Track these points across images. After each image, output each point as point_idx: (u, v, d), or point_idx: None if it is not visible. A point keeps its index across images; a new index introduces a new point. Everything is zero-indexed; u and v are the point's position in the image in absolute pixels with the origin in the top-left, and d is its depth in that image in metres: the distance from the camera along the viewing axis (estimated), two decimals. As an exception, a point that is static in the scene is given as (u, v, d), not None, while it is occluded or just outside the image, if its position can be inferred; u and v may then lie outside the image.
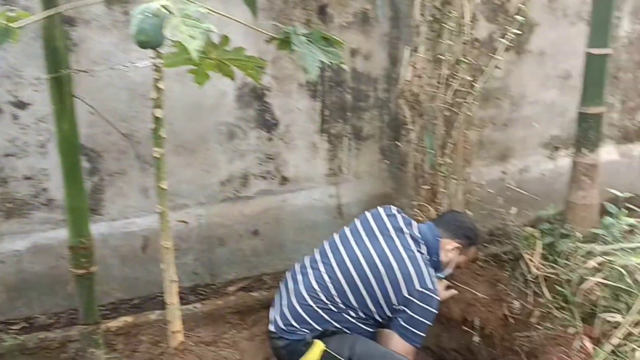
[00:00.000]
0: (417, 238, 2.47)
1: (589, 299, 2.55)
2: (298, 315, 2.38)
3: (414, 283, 2.31)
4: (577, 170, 2.99)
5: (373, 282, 2.34)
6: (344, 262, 2.40)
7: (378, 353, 2.34)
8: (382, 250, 2.38)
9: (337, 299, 2.37)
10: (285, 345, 2.38)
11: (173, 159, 2.87)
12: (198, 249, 3.04)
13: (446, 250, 2.52)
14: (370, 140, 3.25)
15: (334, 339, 2.33)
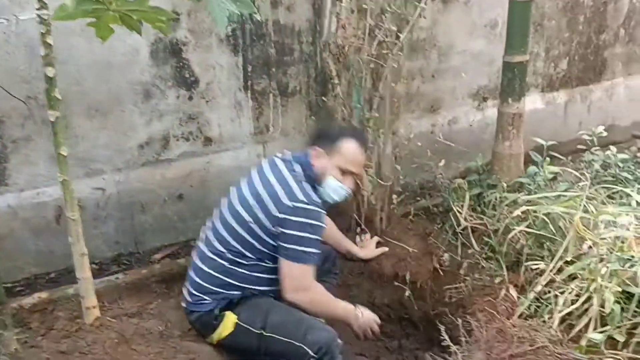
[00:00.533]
0: (289, 160, 2.35)
1: (515, 248, 2.59)
2: (197, 285, 2.28)
3: (282, 200, 2.16)
4: (502, 120, 3.00)
5: (245, 215, 2.21)
6: (223, 215, 2.31)
7: (292, 319, 2.22)
8: (252, 184, 2.28)
9: (223, 249, 2.25)
10: (197, 319, 2.29)
11: (85, 123, 2.68)
12: (119, 217, 2.88)
13: (314, 159, 2.33)
14: (297, 96, 3.14)
15: (245, 309, 2.23)
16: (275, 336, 2.16)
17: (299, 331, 2.14)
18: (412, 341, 2.94)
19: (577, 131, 3.65)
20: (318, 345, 2.11)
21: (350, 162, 2.33)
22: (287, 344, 2.14)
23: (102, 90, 2.67)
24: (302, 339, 2.12)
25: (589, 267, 2.17)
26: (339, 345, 2.19)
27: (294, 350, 2.13)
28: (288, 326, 2.17)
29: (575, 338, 2.09)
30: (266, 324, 2.18)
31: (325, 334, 2.16)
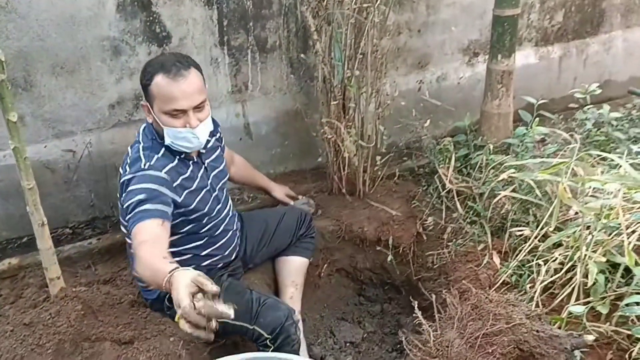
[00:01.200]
0: (138, 132, 2.11)
1: (500, 213, 2.50)
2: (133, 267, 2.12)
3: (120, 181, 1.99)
4: (491, 78, 2.87)
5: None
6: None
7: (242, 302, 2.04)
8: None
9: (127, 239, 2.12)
10: (151, 305, 2.22)
11: (50, 81, 2.53)
12: (91, 180, 2.77)
13: (147, 116, 2.05)
14: (277, 52, 2.98)
15: None
16: (227, 321, 2.06)
17: (250, 314, 2.06)
18: (395, 305, 2.90)
19: (572, 87, 3.52)
20: (271, 327, 2.04)
21: (165, 99, 1.92)
22: (240, 327, 2.06)
23: (68, 46, 2.51)
24: (254, 321, 2.05)
25: (574, 235, 2.09)
26: (295, 321, 2.11)
27: (248, 333, 2.07)
28: (239, 310, 2.04)
29: (557, 308, 2.03)
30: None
31: (278, 313, 2.07)
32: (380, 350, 2.69)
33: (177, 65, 1.92)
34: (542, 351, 1.54)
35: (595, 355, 1.88)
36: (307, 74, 3.03)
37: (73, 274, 2.53)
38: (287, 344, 2.10)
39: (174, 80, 1.89)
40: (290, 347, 2.12)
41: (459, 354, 1.46)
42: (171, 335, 2.04)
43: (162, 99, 1.92)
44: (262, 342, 2.08)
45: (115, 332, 2.00)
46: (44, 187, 2.66)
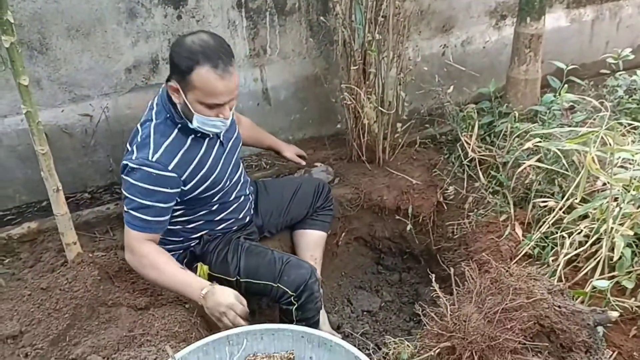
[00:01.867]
0: (151, 104, 2.04)
1: (523, 183, 2.43)
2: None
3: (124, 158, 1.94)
4: (519, 42, 2.75)
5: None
6: None
7: (264, 262, 2.12)
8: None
9: None
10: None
11: (66, 44, 2.50)
12: (109, 145, 2.76)
13: (173, 96, 1.92)
14: (296, 15, 2.89)
15: (215, 259, 2.13)
16: (251, 280, 2.09)
17: (273, 273, 2.07)
18: (413, 275, 2.87)
19: (604, 52, 3.38)
20: (295, 285, 2.05)
21: (209, 94, 1.85)
22: (264, 286, 2.08)
23: (83, 8, 2.46)
24: (278, 280, 2.06)
25: (601, 207, 2.01)
26: (318, 279, 2.13)
27: (272, 291, 2.08)
28: (261, 270, 2.08)
29: (581, 282, 1.98)
30: (240, 271, 2.10)
31: (302, 271, 2.08)
32: (398, 320, 2.68)
33: (223, 58, 1.82)
34: (564, 327, 1.49)
35: (619, 331, 1.83)
36: (327, 37, 2.94)
37: (92, 238, 2.54)
38: (310, 301, 2.10)
39: (221, 78, 1.82)
40: (314, 305, 2.13)
41: (477, 329, 1.42)
42: (186, 302, 2.04)
43: (204, 92, 1.84)
44: (286, 300, 2.09)
45: (131, 297, 2.01)
46: (62, 151, 2.66)
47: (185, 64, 1.81)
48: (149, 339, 1.80)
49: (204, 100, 1.85)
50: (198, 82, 1.82)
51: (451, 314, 1.49)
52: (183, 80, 1.84)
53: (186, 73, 1.82)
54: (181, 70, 1.82)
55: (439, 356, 1.51)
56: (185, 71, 1.81)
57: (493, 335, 1.42)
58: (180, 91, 1.87)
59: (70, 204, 2.72)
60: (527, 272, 1.62)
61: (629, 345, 1.78)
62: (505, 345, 1.41)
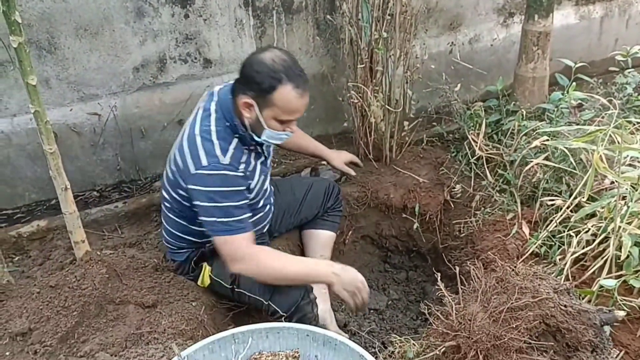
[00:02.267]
0: (208, 109, 1.97)
1: (531, 182, 2.42)
2: (166, 231, 2.18)
3: (189, 168, 1.89)
4: (526, 40, 2.74)
5: (172, 177, 2.02)
6: (168, 164, 2.10)
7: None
8: (183, 134, 2.01)
9: (168, 205, 2.11)
10: (177, 268, 2.22)
11: (74, 44, 2.52)
12: (117, 143, 2.78)
13: (244, 110, 1.91)
14: (303, 14, 2.90)
15: (218, 262, 2.07)
16: (244, 292, 2.07)
17: (266, 290, 2.01)
18: (420, 273, 2.87)
19: (613, 50, 3.36)
20: (286, 305, 1.99)
21: (288, 112, 1.89)
22: (255, 300, 2.05)
23: (90, 7, 2.48)
24: (270, 297, 2.01)
25: (608, 206, 2.00)
26: (312, 300, 2.05)
27: (264, 307, 2.04)
28: (256, 284, 2.01)
29: (588, 281, 1.97)
30: (235, 279, 2.07)
31: (294, 292, 2.00)
32: (405, 318, 2.67)
33: (302, 77, 1.87)
34: (570, 326, 1.48)
35: (626, 330, 1.82)
36: (334, 36, 2.94)
37: (100, 236, 2.57)
38: (302, 323, 1.98)
39: (302, 97, 1.86)
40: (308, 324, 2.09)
41: (482, 328, 1.42)
42: (193, 300, 2.05)
43: (283, 110, 1.87)
44: (277, 319, 2.04)
45: (139, 295, 2.02)
46: (71, 150, 2.69)
47: (268, 83, 1.82)
48: (156, 337, 1.81)
49: (281, 117, 1.89)
50: (279, 101, 1.85)
51: (456, 313, 1.49)
52: (262, 98, 1.86)
53: (267, 92, 1.84)
54: (262, 88, 1.84)
55: (444, 355, 1.52)
56: (267, 90, 1.83)
57: (498, 335, 1.42)
58: (255, 107, 1.88)
59: (79, 202, 2.75)
60: (533, 271, 1.61)
61: (636, 345, 1.77)
62: (510, 345, 1.41)
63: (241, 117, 1.93)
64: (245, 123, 1.94)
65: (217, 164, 1.86)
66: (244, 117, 1.92)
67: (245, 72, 1.88)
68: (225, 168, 1.87)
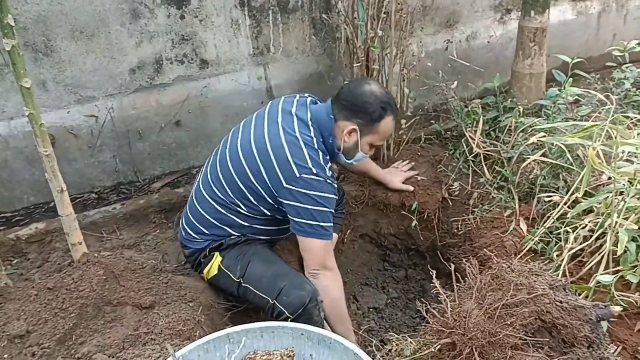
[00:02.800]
0: (305, 120, 2.06)
1: (528, 178, 2.41)
2: (191, 223, 2.20)
3: (293, 170, 1.95)
4: (523, 36, 2.73)
5: (249, 173, 2.04)
6: (225, 156, 2.13)
7: (269, 274, 2.07)
8: (261, 135, 2.04)
9: (221, 196, 2.12)
10: (190, 255, 2.23)
11: (70, 46, 2.53)
12: (115, 145, 2.78)
13: (344, 134, 2.07)
14: (299, 13, 2.89)
15: (230, 254, 2.13)
16: (251, 288, 2.06)
17: (274, 289, 2.01)
18: (419, 271, 2.86)
19: (611, 45, 3.34)
20: (292, 307, 1.97)
21: (383, 138, 2.18)
22: (261, 298, 2.03)
23: (86, 10, 2.49)
24: (276, 297, 2.00)
25: (605, 201, 1.99)
26: (318, 303, 2.02)
27: (268, 306, 2.02)
28: (263, 281, 2.04)
29: (586, 277, 1.96)
30: (245, 274, 2.08)
31: (302, 293, 1.98)
32: (404, 316, 2.67)
33: (396, 106, 2.14)
34: (565, 322, 1.48)
35: (624, 326, 1.82)
36: (330, 35, 2.94)
37: (99, 238, 2.57)
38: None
39: (393, 123, 2.15)
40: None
41: (477, 325, 1.42)
42: (191, 301, 2.05)
43: (381, 136, 2.13)
44: (283, 321, 1.99)
45: (136, 296, 2.02)
46: (68, 152, 2.69)
47: (379, 113, 2.05)
48: (153, 338, 1.81)
49: (377, 142, 2.15)
50: (382, 128, 2.09)
51: (451, 310, 1.49)
52: (368, 125, 2.07)
53: (376, 120, 2.06)
54: (373, 118, 2.05)
55: (439, 352, 1.51)
56: (375, 119, 2.05)
57: (493, 331, 1.42)
58: (358, 133, 2.07)
59: (78, 204, 2.76)
60: (529, 268, 1.61)
61: (634, 340, 1.76)
62: (505, 341, 1.41)
63: (340, 141, 2.10)
64: (339, 145, 2.11)
65: (324, 173, 1.99)
66: (341, 141, 2.09)
67: (354, 101, 2.06)
68: (328, 178, 2.01)
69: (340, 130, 2.07)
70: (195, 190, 2.26)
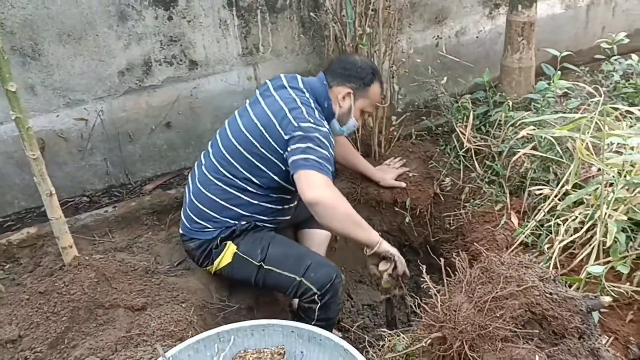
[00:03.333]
0: (299, 87, 2.19)
1: (519, 172, 2.42)
2: (198, 210, 2.20)
3: (292, 122, 2.03)
4: (511, 30, 2.74)
5: (254, 141, 2.11)
6: (228, 137, 2.19)
7: (294, 253, 2.15)
8: (260, 110, 2.14)
9: (230, 176, 2.16)
10: (197, 247, 2.21)
11: (58, 49, 2.52)
12: (105, 148, 2.77)
13: (339, 99, 2.21)
14: (287, 12, 2.89)
15: (246, 240, 2.17)
16: (275, 269, 2.10)
17: (301, 266, 2.07)
18: (413, 267, 2.84)
19: (600, 38, 3.35)
20: (320, 283, 2.04)
21: (373, 104, 2.33)
22: (286, 278, 2.08)
23: (73, 13, 2.48)
24: (304, 274, 2.05)
25: (594, 193, 2.00)
26: (342, 280, 2.11)
27: (294, 285, 2.07)
28: (289, 260, 2.11)
29: (577, 269, 1.97)
30: (266, 257, 2.12)
31: (329, 270, 2.07)
32: (399, 312, 2.67)
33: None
34: (555, 314, 1.48)
35: (615, 316, 1.82)
36: (319, 33, 2.94)
37: (91, 241, 2.56)
38: (333, 301, 2.10)
39: (380, 91, 2.32)
40: (337, 305, 2.15)
41: (467, 318, 1.42)
42: (183, 302, 2.05)
43: (371, 102, 2.29)
44: (309, 298, 2.07)
45: (128, 298, 2.02)
46: (59, 156, 2.69)
47: (370, 77, 2.23)
48: (145, 339, 1.81)
49: (367, 108, 2.30)
50: (372, 94, 2.26)
51: (442, 305, 1.49)
52: (360, 89, 2.23)
53: (367, 85, 2.23)
54: (365, 82, 2.22)
55: (431, 347, 1.51)
56: (367, 83, 2.22)
57: (483, 324, 1.42)
58: (352, 96, 2.21)
59: (69, 208, 2.75)
60: (519, 260, 1.61)
61: (626, 330, 1.77)
62: (495, 334, 1.41)
63: (336, 106, 2.23)
64: (334, 111, 2.23)
65: (322, 124, 2.08)
66: (336, 107, 2.22)
67: (347, 67, 2.22)
68: (326, 127, 2.09)
69: (335, 96, 2.22)
70: (199, 178, 2.26)
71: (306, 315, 2.13)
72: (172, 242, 2.51)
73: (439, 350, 1.46)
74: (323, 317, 2.11)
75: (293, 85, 2.20)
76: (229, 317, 2.18)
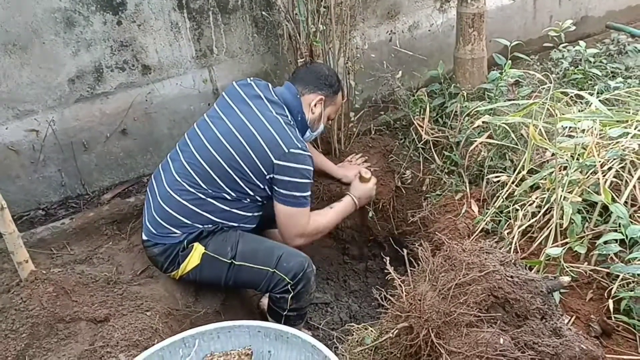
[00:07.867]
0: (276, 101, 2.24)
1: (476, 161, 2.45)
2: (167, 215, 2.16)
3: (281, 146, 2.09)
4: (462, 22, 2.77)
5: (237, 157, 2.12)
6: (203, 144, 2.17)
7: (263, 247, 2.19)
8: (240, 122, 2.15)
9: (204, 186, 2.15)
10: (162, 252, 2.18)
11: (4, 60, 2.43)
12: (59, 158, 2.70)
13: (311, 106, 2.30)
14: (240, 12, 2.86)
15: (214, 240, 2.16)
16: (247, 264, 2.13)
17: (272, 258, 2.13)
18: (379, 262, 2.88)
19: (549, 26, 3.43)
20: (293, 272, 2.11)
21: (337, 110, 2.48)
22: (258, 272, 2.12)
23: (17, 21, 2.40)
24: (276, 265, 2.11)
25: (550, 177, 2.04)
26: (313, 269, 2.19)
27: (267, 278, 2.11)
28: (260, 254, 2.15)
29: (536, 252, 2.01)
30: (237, 253, 2.14)
31: (300, 259, 2.15)
32: (367, 307, 2.69)
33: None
34: (517, 296, 1.51)
35: (575, 295, 1.87)
36: (273, 32, 2.92)
37: (49, 255, 2.48)
38: (305, 291, 2.17)
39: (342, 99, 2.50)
40: (308, 295, 2.21)
41: (432, 307, 1.43)
42: (147, 310, 2.01)
43: (336, 108, 2.44)
44: (282, 289, 2.13)
45: (90, 311, 1.97)
46: (10, 169, 2.60)
47: (337, 85, 2.37)
48: (109, 351, 1.77)
49: (332, 115, 2.45)
50: (338, 100, 2.42)
51: (407, 295, 1.50)
52: (330, 97, 2.35)
53: (336, 92, 2.37)
54: (333, 89, 2.35)
55: (398, 337, 1.52)
56: (335, 90, 2.36)
57: (448, 311, 1.43)
58: (323, 103, 2.32)
59: (25, 222, 2.67)
60: (480, 247, 1.63)
61: (586, 309, 1.81)
62: (460, 320, 1.43)
63: (307, 115, 2.31)
64: (311, 119, 2.33)
65: (304, 146, 2.16)
66: (308, 113, 2.31)
67: (317, 76, 2.33)
68: (307, 151, 2.17)
69: (307, 104, 2.30)
70: (168, 182, 2.21)
71: (278, 306, 2.19)
72: (133, 251, 2.46)
73: (407, 340, 1.47)
74: (295, 307, 2.17)
75: (268, 97, 2.24)
76: (196, 323, 2.15)
